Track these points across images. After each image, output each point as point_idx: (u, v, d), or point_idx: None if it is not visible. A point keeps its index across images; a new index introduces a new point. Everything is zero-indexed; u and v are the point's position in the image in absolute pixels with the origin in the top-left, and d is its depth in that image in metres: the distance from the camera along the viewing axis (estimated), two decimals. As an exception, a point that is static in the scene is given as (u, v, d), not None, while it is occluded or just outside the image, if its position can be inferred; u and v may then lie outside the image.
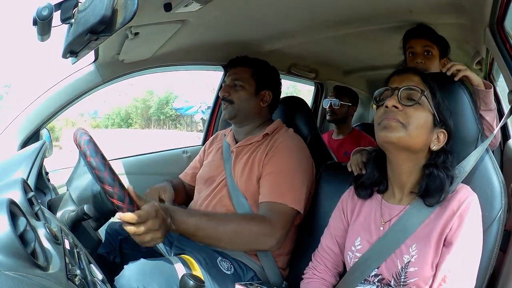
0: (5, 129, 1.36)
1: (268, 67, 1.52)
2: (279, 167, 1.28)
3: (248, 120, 1.47)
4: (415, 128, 0.89)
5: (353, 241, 1.01)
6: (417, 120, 0.90)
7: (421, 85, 0.93)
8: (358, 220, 1.03)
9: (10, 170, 0.99)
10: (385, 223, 0.97)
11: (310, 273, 1.11)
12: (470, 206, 0.88)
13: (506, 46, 1.19)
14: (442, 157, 0.93)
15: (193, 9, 1.15)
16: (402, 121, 0.89)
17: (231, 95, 1.44)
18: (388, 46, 1.95)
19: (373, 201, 1.03)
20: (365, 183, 1.04)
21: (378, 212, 1.00)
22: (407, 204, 0.96)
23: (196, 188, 1.50)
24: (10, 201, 0.58)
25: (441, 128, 0.93)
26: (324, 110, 2.91)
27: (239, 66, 1.49)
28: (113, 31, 0.76)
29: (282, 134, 1.39)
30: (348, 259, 1.01)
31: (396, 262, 0.91)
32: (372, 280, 0.95)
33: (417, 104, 0.90)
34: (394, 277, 0.91)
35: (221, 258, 1.24)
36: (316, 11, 1.44)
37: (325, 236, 1.12)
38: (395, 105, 0.90)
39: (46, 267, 0.55)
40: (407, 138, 0.89)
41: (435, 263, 0.87)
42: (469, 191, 0.91)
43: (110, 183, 0.86)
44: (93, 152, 0.89)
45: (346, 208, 1.08)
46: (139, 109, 17.68)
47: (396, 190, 0.99)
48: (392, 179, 1.00)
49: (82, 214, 0.91)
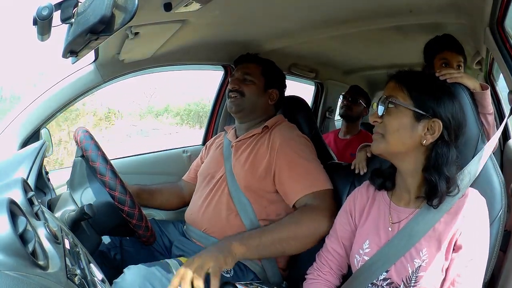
0: (5, 129, 1.36)
1: (276, 67, 1.55)
2: (294, 163, 1.28)
3: (254, 115, 1.47)
4: (391, 134, 0.93)
5: (361, 244, 1.00)
6: (391, 126, 0.93)
7: (396, 90, 0.94)
8: (367, 223, 1.03)
9: (10, 170, 0.99)
10: (393, 224, 0.96)
11: (315, 274, 1.10)
12: (479, 211, 0.89)
13: (506, 46, 1.19)
14: (438, 151, 0.91)
15: (193, 9, 1.15)
16: (381, 131, 0.94)
17: (241, 87, 1.44)
18: (388, 46, 1.96)
19: (381, 203, 1.02)
20: (383, 173, 1.05)
21: (387, 215, 0.99)
22: (415, 208, 0.95)
23: (197, 185, 1.50)
24: (10, 201, 0.58)
25: (429, 119, 0.91)
26: (324, 110, 2.92)
27: (249, 62, 1.50)
28: (113, 31, 0.76)
29: (284, 128, 1.39)
30: (355, 262, 1.00)
31: (407, 266, 0.90)
32: (381, 284, 0.94)
33: (390, 111, 0.93)
34: (404, 281, 0.90)
35: None
36: (316, 11, 1.44)
37: (331, 238, 1.11)
38: (375, 120, 0.95)
39: (46, 267, 0.55)
40: (387, 146, 0.94)
41: (445, 267, 0.88)
42: (478, 196, 0.92)
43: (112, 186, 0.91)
44: (95, 154, 0.91)
45: (353, 210, 1.07)
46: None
47: (403, 193, 0.99)
48: (399, 181, 1.00)
49: (82, 214, 0.91)
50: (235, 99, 1.44)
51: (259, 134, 1.40)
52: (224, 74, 2.08)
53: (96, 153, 0.98)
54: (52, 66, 6.45)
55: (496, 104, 2.14)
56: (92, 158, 0.98)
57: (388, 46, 1.97)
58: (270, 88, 1.47)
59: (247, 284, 1.13)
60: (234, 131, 1.52)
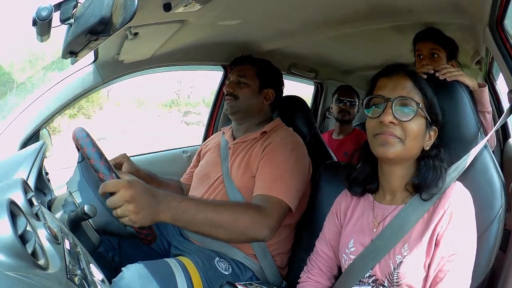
0: (5, 129, 1.36)
1: (272, 67, 1.55)
2: (274, 164, 1.27)
3: (249, 117, 1.48)
4: (411, 140, 0.89)
5: (347, 243, 1.00)
6: (413, 131, 0.89)
7: (413, 91, 0.91)
8: (351, 222, 1.03)
9: (10, 170, 0.99)
10: (378, 224, 0.96)
11: (305, 276, 1.11)
12: (461, 203, 0.87)
13: (506, 45, 1.19)
14: (434, 151, 0.93)
15: (192, 9, 1.16)
16: (399, 136, 0.88)
17: (235, 91, 1.45)
18: (388, 46, 1.95)
19: (365, 203, 1.03)
20: (358, 179, 1.03)
21: (371, 214, 0.99)
22: (400, 203, 0.95)
23: (192, 185, 1.51)
24: (10, 201, 0.58)
25: (432, 127, 0.93)
26: (324, 110, 2.92)
27: (244, 64, 1.51)
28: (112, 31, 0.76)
29: (280, 133, 1.39)
30: (342, 261, 1.01)
31: (389, 262, 0.90)
32: (367, 281, 0.94)
33: (410, 114, 0.89)
34: (387, 278, 0.90)
35: (219, 259, 1.24)
36: (316, 11, 1.44)
37: (319, 240, 1.12)
38: (392, 121, 0.88)
39: (46, 267, 0.55)
40: (404, 151, 0.89)
41: (427, 263, 0.86)
42: (460, 188, 0.90)
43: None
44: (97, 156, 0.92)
45: (339, 211, 1.08)
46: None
47: (387, 193, 0.98)
48: (383, 183, 0.99)
49: (82, 214, 0.91)
50: (230, 101, 1.47)
51: (257, 138, 1.40)
52: (224, 74, 2.08)
53: (98, 155, 0.98)
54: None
55: (496, 103, 2.14)
56: (92, 156, 0.98)
57: (388, 46, 1.97)
58: (265, 88, 1.48)
59: (247, 285, 1.13)
60: (231, 132, 1.53)
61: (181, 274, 1.10)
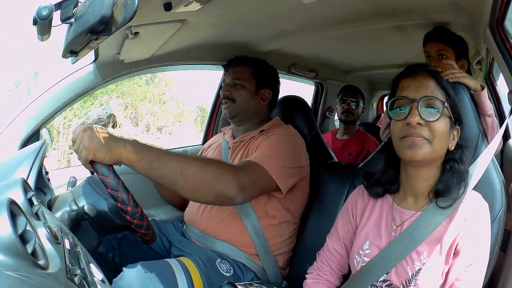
0: (5, 129, 1.36)
1: (267, 66, 1.53)
2: (264, 147, 1.27)
3: (248, 118, 1.48)
4: (438, 140, 0.87)
5: (361, 244, 0.98)
6: (440, 131, 0.87)
7: (437, 91, 0.90)
8: (368, 223, 1.00)
9: (10, 170, 0.98)
10: (396, 228, 0.94)
11: (315, 273, 1.09)
12: (481, 215, 0.88)
13: (506, 45, 1.19)
14: (459, 152, 0.92)
15: (193, 9, 1.15)
16: (427, 137, 0.87)
17: (232, 94, 1.45)
18: (388, 45, 1.95)
19: (384, 204, 1.00)
20: (380, 181, 1.00)
21: (390, 216, 0.97)
22: (419, 209, 0.93)
23: None
24: (10, 201, 0.58)
25: (456, 126, 0.92)
26: (324, 110, 2.92)
27: (239, 66, 1.50)
28: (113, 30, 0.76)
29: (277, 130, 1.39)
30: (355, 263, 0.98)
31: (407, 269, 0.89)
32: (380, 285, 0.93)
33: (436, 114, 0.87)
34: (403, 284, 0.89)
35: (220, 260, 1.23)
36: (316, 10, 1.44)
37: (332, 237, 1.09)
38: (419, 122, 0.86)
39: (46, 267, 0.55)
40: (432, 152, 0.88)
41: (445, 271, 0.86)
42: (480, 199, 0.90)
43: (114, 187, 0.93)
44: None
45: (355, 210, 1.05)
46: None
47: (409, 196, 0.96)
48: (406, 185, 0.96)
49: (82, 214, 0.91)
50: (227, 105, 1.46)
51: (255, 137, 1.40)
52: (224, 74, 2.08)
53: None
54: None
55: (496, 104, 2.14)
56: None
57: (388, 46, 1.97)
58: (262, 88, 1.47)
59: (247, 285, 1.13)
60: (231, 132, 1.53)
61: (182, 275, 1.09)
